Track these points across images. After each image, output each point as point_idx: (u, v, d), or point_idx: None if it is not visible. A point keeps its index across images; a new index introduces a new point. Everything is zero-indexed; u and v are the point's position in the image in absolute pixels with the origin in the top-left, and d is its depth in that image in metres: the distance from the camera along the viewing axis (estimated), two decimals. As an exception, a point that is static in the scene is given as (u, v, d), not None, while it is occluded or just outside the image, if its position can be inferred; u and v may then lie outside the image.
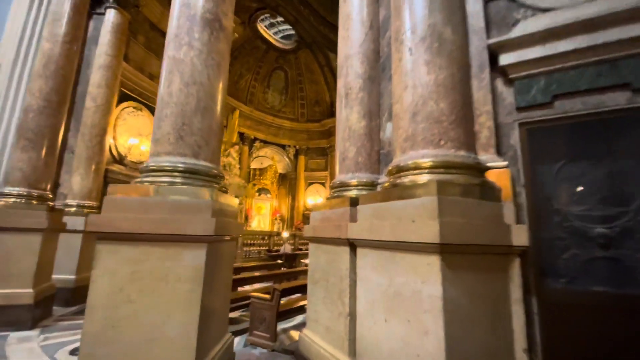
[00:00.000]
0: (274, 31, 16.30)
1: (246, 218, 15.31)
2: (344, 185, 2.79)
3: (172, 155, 2.43)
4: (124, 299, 2.10)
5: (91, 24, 7.07)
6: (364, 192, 2.69)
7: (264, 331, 3.85)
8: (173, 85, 2.52)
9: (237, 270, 6.14)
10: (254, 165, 16.42)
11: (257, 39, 14.68)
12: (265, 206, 16.91)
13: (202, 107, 2.55)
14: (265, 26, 15.37)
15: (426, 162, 1.93)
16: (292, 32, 15.06)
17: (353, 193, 2.69)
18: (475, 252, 1.73)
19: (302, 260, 7.66)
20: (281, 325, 4.62)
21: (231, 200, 2.80)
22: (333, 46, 14.84)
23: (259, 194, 16.64)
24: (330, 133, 16.42)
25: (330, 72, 16.08)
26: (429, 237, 1.60)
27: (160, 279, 2.13)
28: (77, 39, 5.76)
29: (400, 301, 1.78)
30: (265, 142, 16.22)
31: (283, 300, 4.37)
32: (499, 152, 2.12)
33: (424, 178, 1.94)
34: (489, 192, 1.90)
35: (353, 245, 2.36)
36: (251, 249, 11.23)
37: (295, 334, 4.21)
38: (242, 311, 5.26)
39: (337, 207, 2.66)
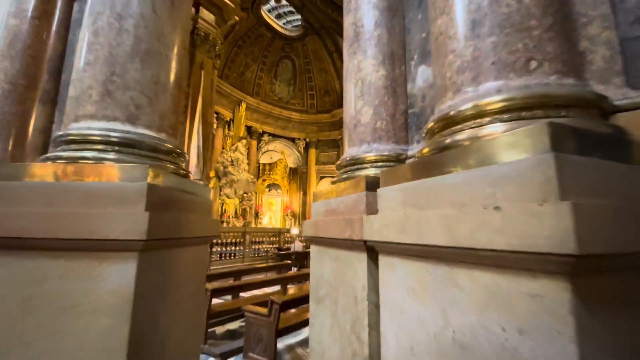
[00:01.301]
0: (282, 22, 15.45)
1: (256, 214, 14.94)
2: (356, 162, 1.90)
3: (96, 119, 1.61)
4: (15, 340, 1.31)
5: (75, 5, 6.43)
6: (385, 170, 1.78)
7: (260, 353, 3.03)
8: (101, 19, 1.70)
9: (239, 273, 5.42)
10: (263, 160, 16.18)
11: (262, 27, 13.88)
12: (276, 202, 16.66)
13: (143, 50, 1.71)
14: (272, 17, 14.54)
15: (505, 99, 1.03)
16: (300, 22, 14.14)
17: (370, 172, 1.80)
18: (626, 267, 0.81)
19: None
20: (285, 341, 3.78)
21: (197, 187, 1.96)
22: (343, 30, 13.87)
23: (269, 190, 16.36)
24: (341, 124, 15.60)
25: (340, 59, 15.13)
26: (545, 242, 0.71)
27: (66, 309, 1.32)
28: (49, 15, 5.01)
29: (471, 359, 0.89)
30: (274, 136, 15.75)
31: (287, 313, 3.52)
32: (629, 82, 1.16)
33: (496, 128, 1.04)
34: (636, 150, 0.96)
35: (373, 251, 1.48)
36: (260, 247, 10.58)
37: (302, 353, 3.37)
38: (243, 321, 4.49)
39: (346, 192, 1.78)
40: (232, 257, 9.50)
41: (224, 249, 9.34)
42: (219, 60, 10.89)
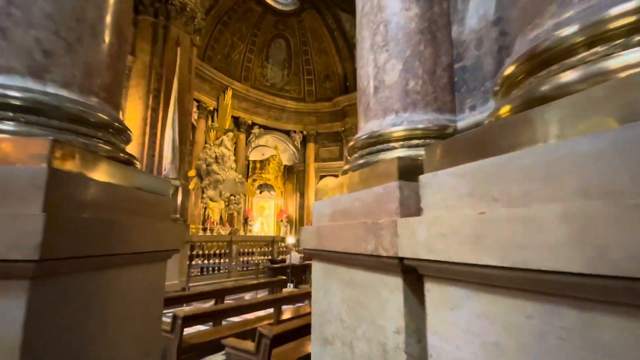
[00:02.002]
0: None
1: (246, 221, 14.59)
2: (379, 141, 1.49)
3: (-21, 70, 1.18)
4: None
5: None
6: (421, 153, 1.39)
7: (246, 403, 2.60)
8: None
9: (222, 293, 5.00)
10: (254, 156, 15.81)
11: (251, 0, 13.48)
12: (269, 206, 16.33)
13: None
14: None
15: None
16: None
17: (399, 154, 1.38)
18: None
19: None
20: (278, 384, 3.33)
21: (148, 181, 1.54)
22: (346, 3, 13.54)
23: (261, 192, 16.05)
24: (344, 113, 15.39)
25: (343, 38, 14.74)
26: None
27: None
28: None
29: None
30: (266, 128, 15.42)
31: (281, 348, 3.08)
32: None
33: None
34: None
35: (412, 273, 1.06)
36: (249, 259, 10.15)
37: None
38: (224, 354, 4.06)
39: (365, 185, 1.37)
40: (216, 272, 9.10)
41: (205, 261, 8.93)
42: (200, 38, 10.50)
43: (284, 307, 4.73)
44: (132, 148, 7.11)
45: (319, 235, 1.70)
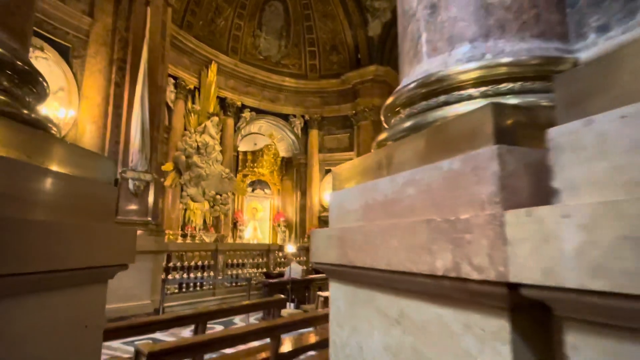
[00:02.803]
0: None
1: (235, 225, 14.44)
2: (443, 89, 1.12)
3: None
4: None
5: None
6: (517, 100, 1.00)
7: None
8: None
9: (204, 317, 4.68)
10: (244, 146, 15.72)
11: (239, -49, 13.09)
12: (263, 207, 16.27)
13: None
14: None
15: None
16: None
17: (480, 103, 0.97)
18: None
19: (319, 293, 6.22)
20: None
21: (75, 156, 1.16)
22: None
23: (253, 189, 15.93)
24: (355, 93, 15.15)
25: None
26: None
27: None
28: None
29: None
30: (259, 112, 15.21)
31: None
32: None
33: None
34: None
35: (533, 313, 0.67)
36: (240, 272, 9.88)
37: None
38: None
39: (426, 158, 0.99)
40: (198, 289, 8.82)
41: (185, 275, 8.63)
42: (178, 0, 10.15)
43: (283, 335, 4.39)
44: (91, 133, 6.79)
45: (342, 242, 1.32)
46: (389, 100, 1.47)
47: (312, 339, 4.65)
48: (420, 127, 1.23)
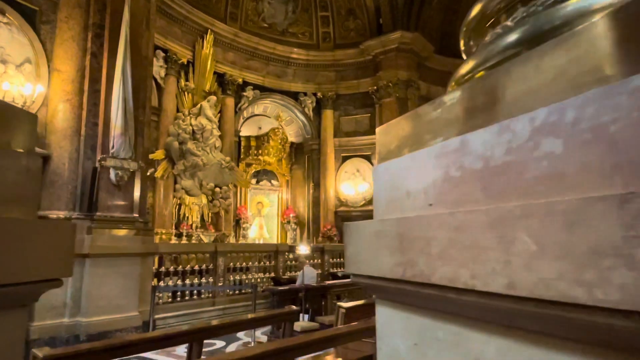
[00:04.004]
0: None
1: (237, 222, 14.41)
2: None
3: None
4: None
5: None
6: None
7: None
8: None
9: (201, 334, 4.46)
10: (247, 130, 15.61)
11: None
12: (270, 201, 16.21)
13: None
14: None
15: None
16: None
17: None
18: None
19: (340, 304, 5.88)
20: None
21: None
22: None
23: (257, 181, 15.85)
24: (377, 65, 14.86)
25: (373, -48, 13.82)
26: None
27: None
28: None
29: None
30: (264, 89, 15.04)
31: None
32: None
33: None
34: None
35: None
36: (244, 277, 9.70)
37: None
38: None
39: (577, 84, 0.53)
40: (195, 297, 8.61)
41: (179, 282, 8.41)
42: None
43: (298, 359, 4.07)
44: (64, 113, 6.52)
45: (404, 242, 0.93)
46: (473, 11, 1.04)
47: (333, 362, 4.35)
48: (542, 35, 0.79)
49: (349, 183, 15.25)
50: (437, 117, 0.96)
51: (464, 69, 1.02)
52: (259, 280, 10.00)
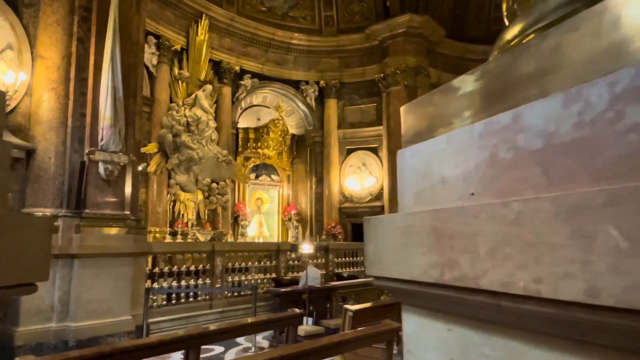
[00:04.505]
0: None
1: (235, 220, 14.43)
2: None
3: None
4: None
5: None
6: None
7: None
8: None
9: (197, 340, 4.43)
10: (245, 122, 15.59)
11: None
12: (270, 197, 16.23)
13: None
14: None
15: None
16: None
17: None
18: None
19: (347, 307, 5.82)
20: None
21: None
22: None
23: (257, 176, 15.88)
24: (383, 51, 14.84)
25: None
26: None
27: None
28: None
29: None
30: (263, 78, 15.03)
31: None
32: None
33: None
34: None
35: None
36: (243, 278, 9.67)
37: None
38: None
39: None
40: (191, 300, 8.57)
41: (175, 283, 8.36)
42: None
43: (303, 366, 4.01)
44: (49, 103, 6.45)
45: (443, 239, 0.83)
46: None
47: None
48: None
49: (355, 177, 15.21)
50: (480, 89, 0.85)
51: (509, 33, 0.92)
52: (259, 281, 9.95)
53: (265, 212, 15.84)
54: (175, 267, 8.59)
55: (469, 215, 0.76)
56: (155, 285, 8.10)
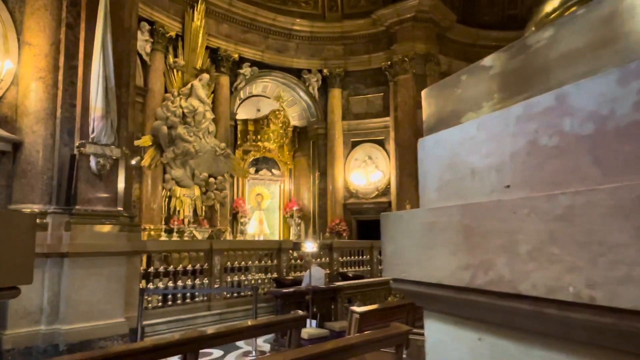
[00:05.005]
0: None
1: (234, 217, 14.53)
2: None
3: None
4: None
5: None
6: None
7: None
8: None
9: (195, 344, 4.43)
10: (244, 113, 15.61)
11: None
12: (271, 192, 16.27)
13: None
14: None
15: None
16: None
17: None
18: None
19: (353, 309, 5.79)
20: None
21: None
22: None
23: (257, 170, 15.92)
24: (391, 37, 14.82)
25: None
26: None
27: None
28: None
29: None
30: (263, 66, 15.02)
31: None
32: None
33: None
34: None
35: None
36: (242, 278, 9.68)
37: None
38: None
39: None
40: (188, 301, 8.56)
41: (171, 284, 8.35)
42: None
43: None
44: (37, 93, 6.44)
45: (474, 237, 0.79)
46: None
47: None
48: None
49: (360, 172, 15.20)
50: (516, 68, 0.80)
51: (549, 5, 0.88)
52: (259, 281, 9.94)
53: (266, 208, 15.86)
54: (171, 266, 8.58)
55: (506, 210, 0.71)
56: (150, 285, 8.07)
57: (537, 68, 0.76)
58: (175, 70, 12.63)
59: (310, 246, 10.73)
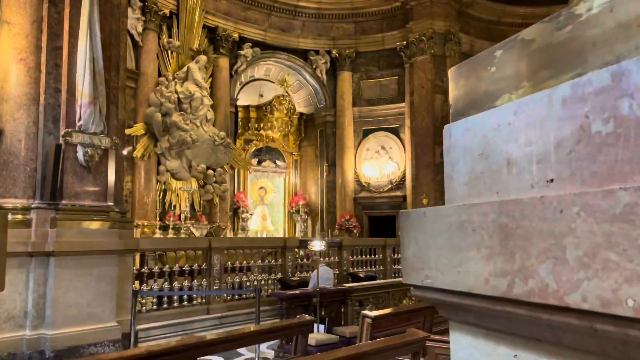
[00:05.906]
0: None
1: (235, 212, 14.61)
2: None
3: None
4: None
5: None
6: None
7: None
8: None
9: (194, 351, 4.42)
10: (245, 99, 15.68)
11: None
12: (275, 185, 16.38)
13: None
14: None
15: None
16: None
17: None
18: None
19: (365, 313, 5.83)
20: None
21: None
22: None
23: (259, 161, 16.00)
24: (406, 14, 14.80)
25: None
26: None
27: None
28: None
29: None
30: (266, 47, 15.10)
31: None
32: None
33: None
34: None
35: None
36: (245, 279, 9.78)
37: None
38: None
39: None
40: (185, 304, 8.62)
41: (166, 284, 8.40)
42: None
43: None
44: (17, 77, 6.47)
45: (509, 238, 0.78)
46: None
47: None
48: None
49: (372, 163, 15.25)
50: (563, 42, 0.75)
51: None
52: (263, 282, 10.00)
53: (270, 203, 15.97)
54: (167, 266, 8.62)
55: (551, 208, 0.67)
56: (144, 287, 8.14)
57: (588, 41, 0.71)
58: (169, 52, 12.71)
59: (317, 244, 10.72)
